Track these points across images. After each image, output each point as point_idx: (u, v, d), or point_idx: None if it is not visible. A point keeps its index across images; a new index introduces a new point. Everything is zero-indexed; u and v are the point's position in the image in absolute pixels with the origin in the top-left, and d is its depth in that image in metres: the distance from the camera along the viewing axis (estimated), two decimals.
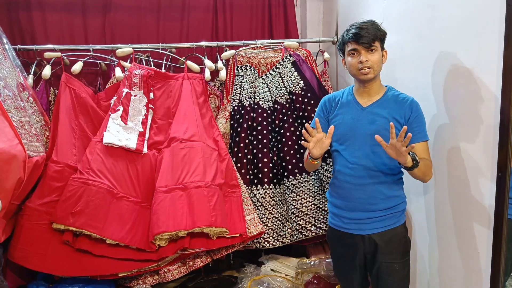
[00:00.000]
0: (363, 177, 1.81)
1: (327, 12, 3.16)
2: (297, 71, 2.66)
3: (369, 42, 1.73)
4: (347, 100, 1.92)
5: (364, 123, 1.82)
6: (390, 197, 1.81)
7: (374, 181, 1.80)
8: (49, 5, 2.90)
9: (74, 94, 2.48)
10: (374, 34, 1.74)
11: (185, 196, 2.18)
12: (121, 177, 2.29)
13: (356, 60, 1.76)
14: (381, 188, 1.80)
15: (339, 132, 1.86)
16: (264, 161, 2.51)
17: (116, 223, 2.18)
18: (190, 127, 2.43)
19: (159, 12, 3.09)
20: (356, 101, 1.88)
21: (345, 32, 1.81)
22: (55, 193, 2.21)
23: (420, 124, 1.77)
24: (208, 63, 2.64)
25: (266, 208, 2.48)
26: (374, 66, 1.76)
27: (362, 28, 1.75)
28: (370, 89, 1.84)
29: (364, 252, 1.84)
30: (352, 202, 1.84)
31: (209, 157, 2.36)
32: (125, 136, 2.38)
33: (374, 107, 1.83)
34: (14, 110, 2.01)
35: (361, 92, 1.87)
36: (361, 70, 1.77)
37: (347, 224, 1.86)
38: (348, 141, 1.84)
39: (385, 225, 1.81)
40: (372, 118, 1.81)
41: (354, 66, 1.78)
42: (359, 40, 1.74)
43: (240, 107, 2.63)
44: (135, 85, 2.50)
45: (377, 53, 1.77)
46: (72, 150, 2.35)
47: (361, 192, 1.81)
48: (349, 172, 1.83)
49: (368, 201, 1.81)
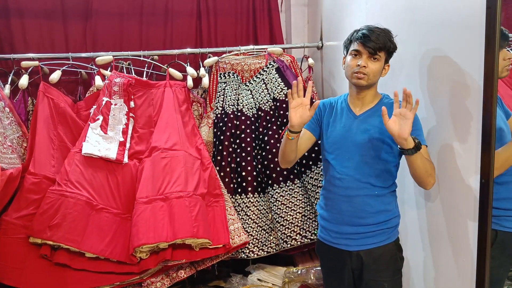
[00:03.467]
0: (351, 188, 1.73)
1: (312, 17, 3.14)
2: (281, 77, 2.63)
3: (375, 49, 1.64)
4: (341, 107, 1.84)
5: (356, 132, 1.74)
6: (381, 211, 1.72)
7: (363, 193, 1.72)
8: (29, 12, 2.84)
9: (53, 103, 2.42)
10: (383, 43, 1.65)
11: (166, 207, 2.13)
12: (100, 188, 2.24)
13: (355, 62, 1.68)
14: (370, 201, 1.72)
15: (330, 141, 1.80)
16: (248, 169, 2.47)
17: (95, 236, 2.12)
18: (172, 136, 2.38)
19: (141, 18, 3.04)
20: (350, 109, 1.81)
21: (355, 31, 1.72)
22: (32, 205, 2.15)
23: (416, 129, 1.66)
24: (190, 70, 2.60)
25: (251, 218, 2.44)
26: (370, 75, 1.67)
27: (373, 31, 1.66)
28: (364, 97, 1.76)
29: (352, 268, 1.76)
30: (339, 215, 1.76)
31: (192, 166, 2.32)
32: (105, 146, 2.32)
33: (367, 116, 1.75)
34: None
35: (355, 99, 1.79)
36: (356, 74, 1.68)
37: (335, 238, 1.79)
38: (338, 150, 1.77)
39: (374, 242, 1.73)
40: (365, 127, 1.73)
41: (351, 67, 1.69)
42: (366, 43, 1.65)
43: (223, 114, 2.59)
44: (115, 94, 2.45)
45: (379, 63, 1.68)
46: (50, 161, 2.30)
47: (348, 204, 1.74)
48: (337, 183, 1.76)
49: (355, 214, 1.73)
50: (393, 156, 1.73)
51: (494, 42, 1.39)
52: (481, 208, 1.51)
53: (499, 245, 1.51)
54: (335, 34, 2.69)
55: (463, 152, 1.60)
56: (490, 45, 1.41)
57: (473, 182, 1.55)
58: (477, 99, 1.49)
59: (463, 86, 1.57)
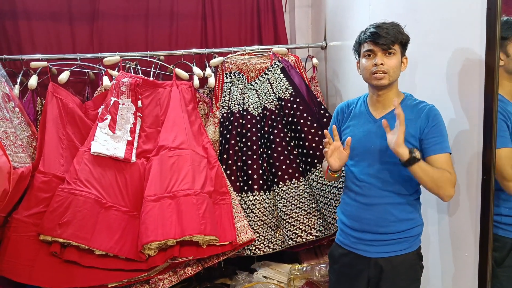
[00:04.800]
0: (371, 196, 1.64)
1: (316, 17, 3.17)
2: (286, 77, 2.66)
3: (388, 44, 1.56)
4: (359, 110, 1.75)
5: (376, 137, 1.64)
6: (403, 220, 1.63)
7: (385, 202, 1.63)
8: (36, 14, 2.89)
9: (61, 103, 2.46)
10: (394, 36, 1.56)
11: (174, 205, 2.16)
12: (109, 187, 2.27)
13: (371, 63, 1.59)
14: (393, 210, 1.62)
15: (350, 146, 1.67)
16: (254, 167, 2.50)
17: (104, 233, 2.15)
18: (179, 135, 2.41)
19: (147, 20, 3.08)
20: (369, 111, 1.71)
21: (362, 32, 1.64)
22: (42, 204, 2.18)
23: (438, 135, 1.56)
24: (197, 70, 2.63)
25: (257, 215, 2.46)
26: (390, 71, 1.57)
27: (381, 27, 1.58)
28: (385, 99, 1.65)
29: (368, 276, 1.68)
30: (359, 223, 1.68)
31: (198, 165, 2.35)
32: (113, 145, 2.36)
33: (388, 119, 1.58)
34: None
35: (375, 101, 1.69)
36: (374, 74, 1.58)
37: (354, 243, 1.71)
38: (358, 156, 1.69)
39: (395, 250, 1.64)
40: (384, 132, 1.58)
41: (367, 69, 1.60)
42: (377, 40, 1.56)
43: (229, 113, 2.62)
44: (123, 94, 2.49)
45: (396, 57, 1.58)
46: (59, 160, 2.33)
47: (369, 212, 1.65)
48: (358, 190, 1.69)
49: (377, 223, 1.64)
50: None
51: (494, 42, 1.42)
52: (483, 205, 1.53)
53: None
54: (339, 34, 2.72)
55: (465, 150, 1.62)
56: (491, 44, 1.44)
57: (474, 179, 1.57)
58: (478, 97, 1.51)
59: (465, 84, 1.60)
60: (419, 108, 1.62)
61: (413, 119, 1.59)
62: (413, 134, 1.58)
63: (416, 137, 1.58)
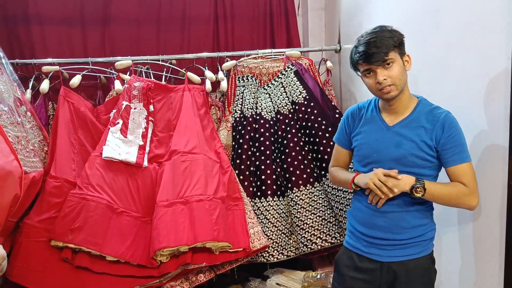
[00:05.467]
0: (386, 204, 1.61)
1: (329, 20, 3.13)
2: (300, 80, 2.62)
3: (382, 58, 1.50)
4: (371, 115, 1.70)
5: (389, 146, 1.60)
6: (416, 226, 1.60)
7: (399, 209, 1.60)
8: (48, 19, 2.88)
9: (73, 108, 2.44)
10: (386, 46, 1.50)
11: (186, 210, 2.12)
12: (121, 192, 2.24)
13: (374, 81, 1.54)
14: (407, 217, 1.60)
15: (362, 153, 1.68)
16: (267, 172, 2.46)
17: (116, 239, 2.12)
18: (191, 139, 2.38)
19: (159, 24, 3.06)
20: (381, 118, 1.66)
21: (353, 51, 1.58)
22: (54, 209, 2.16)
23: (456, 145, 1.51)
24: (209, 74, 2.60)
25: (270, 221, 2.42)
26: (396, 81, 1.52)
27: (369, 43, 1.51)
28: (398, 106, 1.61)
29: (380, 283, 1.64)
30: (372, 229, 1.65)
31: (211, 170, 2.31)
32: (125, 149, 2.33)
33: (401, 127, 1.59)
34: (10, 125, 1.97)
35: (387, 108, 1.65)
36: (382, 90, 1.54)
37: (366, 247, 1.67)
38: (372, 164, 1.64)
39: (408, 254, 1.60)
40: (398, 141, 1.58)
41: (372, 86, 1.57)
42: (370, 60, 1.51)
43: (242, 118, 2.59)
44: (135, 98, 2.46)
45: (396, 65, 1.52)
46: (71, 165, 2.31)
47: (382, 219, 1.62)
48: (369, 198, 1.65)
49: (390, 230, 1.61)
50: (431, 169, 1.59)
51: None
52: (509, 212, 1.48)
53: None
54: (354, 37, 2.58)
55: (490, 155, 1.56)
56: None
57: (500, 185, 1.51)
58: (503, 101, 1.46)
59: (488, 88, 1.54)
60: (434, 115, 1.57)
61: (428, 127, 1.55)
62: (428, 144, 1.54)
63: (432, 146, 1.54)
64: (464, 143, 1.52)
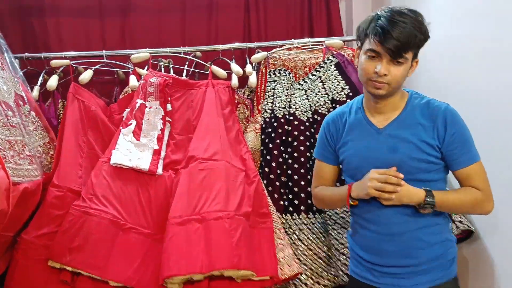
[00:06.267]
0: (392, 223, 1.40)
1: (377, 4, 2.75)
2: (342, 74, 2.26)
3: (399, 51, 1.29)
4: (356, 119, 1.50)
5: (383, 152, 1.41)
6: (434, 244, 1.40)
7: (411, 228, 1.38)
8: (64, 9, 2.67)
9: (83, 106, 2.20)
10: (411, 40, 1.28)
11: (202, 230, 1.79)
12: (130, 204, 1.95)
13: (372, 67, 1.34)
14: (421, 235, 1.39)
15: (352, 166, 1.48)
16: (301, 184, 2.10)
17: (121, 261, 1.83)
18: (212, 143, 2.06)
19: (184, 13, 2.80)
20: (368, 120, 1.47)
21: (371, 19, 1.34)
22: (55, 222, 1.90)
23: (463, 143, 1.36)
24: (235, 67, 2.28)
25: (304, 243, 2.05)
26: (393, 83, 1.34)
27: (397, 24, 1.27)
28: (386, 105, 1.43)
29: None
30: (381, 257, 1.43)
31: (234, 180, 1.98)
32: (137, 155, 2.04)
33: (394, 128, 1.42)
34: (1, 128, 1.71)
35: (373, 108, 1.46)
36: (373, 81, 1.35)
37: (378, 277, 1.45)
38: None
39: (430, 280, 1.39)
40: (393, 144, 1.40)
41: (366, 72, 1.36)
42: (385, 42, 1.28)
43: (273, 118, 2.24)
44: (151, 95, 2.17)
45: (404, 66, 1.34)
46: (77, 171, 2.05)
47: (393, 243, 1.41)
48: (371, 218, 1.44)
49: (404, 254, 1.40)
50: (438, 172, 1.41)
51: None
52: None
53: None
54: None
55: None
56: None
57: None
58: None
59: None
60: (432, 109, 1.40)
61: (425, 123, 1.38)
62: (430, 143, 1.37)
63: (434, 146, 1.37)
64: (470, 139, 1.38)
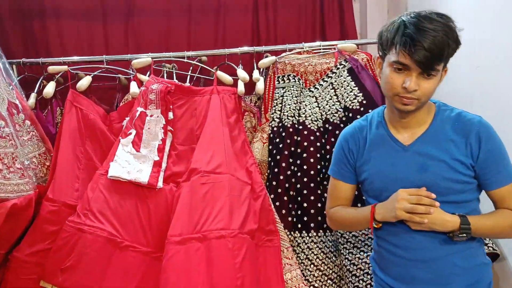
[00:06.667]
0: (424, 249, 1.29)
1: (393, 6, 2.62)
2: (355, 80, 2.12)
3: (431, 64, 1.16)
4: (378, 135, 1.39)
5: (411, 171, 1.30)
6: (470, 268, 1.30)
7: (445, 253, 1.28)
8: (66, 12, 2.57)
9: (81, 114, 2.09)
10: (443, 51, 1.16)
11: (203, 250, 1.67)
12: (128, 220, 1.84)
13: (400, 81, 1.21)
14: (456, 260, 1.28)
15: (376, 187, 1.36)
16: (311, 199, 1.97)
17: (117, 281, 1.72)
18: (216, 154, 1.93)
19: (190, 15, 2.68)
20: (392, 136, 1.36)
21: (397, 27, 1.20)
22: (49, 239, 1.80)
23: (499, 161, 1.26)
24: (241, 73, 2.15)
25: (313, 263, 1.92)
26: (423, 98, 1.23)
27: (427, 33, 1.14)
28: (411, 120, 1.32)
29: None
30: (414, 285, 1.31)
31: (239, 195, 1.85)
32: (136, 166, 1.92)
33: (422, 144, 1.30)
34: None
35: (398, 121, 1.34)
36: (400, 97, 1.23)
37: None
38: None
39: None
40: (422, 163, 1.29)
41: (393, 86, 1.23)
42: (416, 56, 1.15)
43: (281, 127, 2.10)
44: (152, 103, 2.05)
45: (435, 79, 1.22)
46: (74, 184, 1.94)
47: (426, 271, 1.29)
48: (399, 242, 1.32)
49: (437, 281, 1.29)
50: (472, 192, 1.30)
51: None
52: None
53: None
54: None
55: None
56: None
57: None
58: None
59: None
60: (464, 123, 1.29)
61: (457, 139, 1.27)
62: (463, 162, 1.26)
63: (468, 165, 1.26)
64: (506, 156, 1.28)
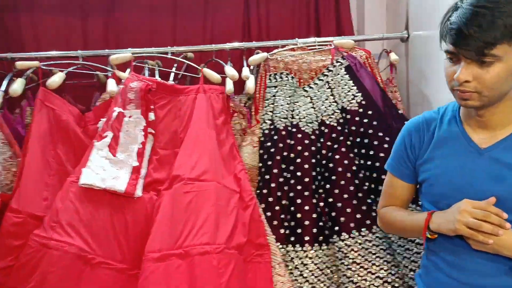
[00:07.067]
0: (486, 275, 1.13)
1: (392, 1, 2.51)
2: (353, 79, 2.02)
3: (479, 51, 1.03)
4: (449, 131, 1.23)
5: (483, 180, 1.14)
6: None
7: (507, 283, 1.12)
8: (41, 5, 2.43)
9: (53, 115, 1.92)
10: (495, 33, 1.01)
11: (185, 267, 1.51)
12: (101, 233, 1.67)
13: (452, 71, 1.10)
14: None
15: (437, 191, 1.22)
16: (305, 209, 1.83)
17: None
18: (201, 160, 1.78)
19: (175, 10, 2.55)
20: (467, 135, 1.20)
21: (446, 13, 1.11)
22: (12, 255, 1.64)
23: None
24: (230, 70, 2.00)
25: (308, 280, 1.77)
26: (485, 90, 1.07)
27: (470, 20, 1.02)
28: (490, 119, 1.16)
29: None
30: None
31: (226, 204, 1.70)
32: (112, 173, 1.75)
33: (502, 150, 1.14)
34: None
35: (474, 119, 1.20)
36: (456, 90, 1.11)
37: None
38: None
39: None
40: (499, 172, 1.13)
41: (447, 78, 1.13)
42: (459, 44, 1.05)
43: (273, 130, 1.97)
44: (131, 103, 1.89)
45: (500, 66, 1.04)
46: (42, 192, 1.77)
47: None
48: (457, 263, 1.17)
49: None
50: None
51: None
52: None
53: None
54: (428, 21, 2.04)
55: None
56: None
57: None
58: None
59: None
60: None
61: None
62: None
63: None
64: None
